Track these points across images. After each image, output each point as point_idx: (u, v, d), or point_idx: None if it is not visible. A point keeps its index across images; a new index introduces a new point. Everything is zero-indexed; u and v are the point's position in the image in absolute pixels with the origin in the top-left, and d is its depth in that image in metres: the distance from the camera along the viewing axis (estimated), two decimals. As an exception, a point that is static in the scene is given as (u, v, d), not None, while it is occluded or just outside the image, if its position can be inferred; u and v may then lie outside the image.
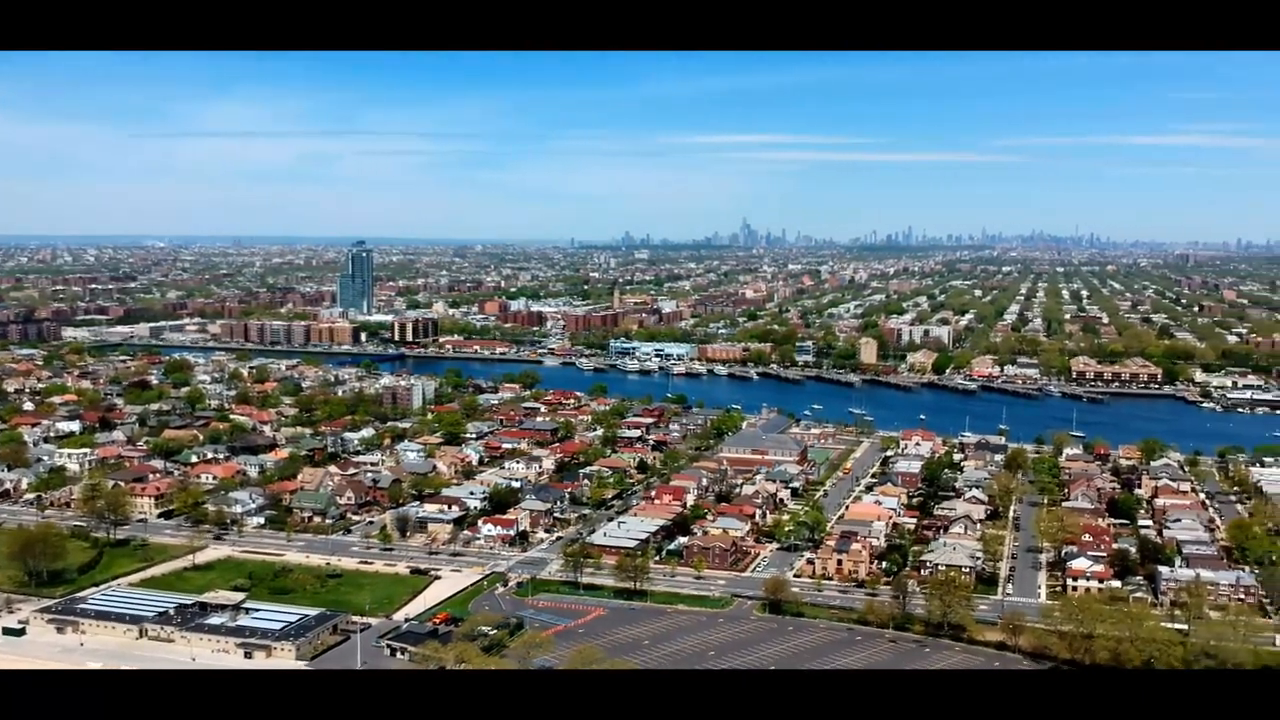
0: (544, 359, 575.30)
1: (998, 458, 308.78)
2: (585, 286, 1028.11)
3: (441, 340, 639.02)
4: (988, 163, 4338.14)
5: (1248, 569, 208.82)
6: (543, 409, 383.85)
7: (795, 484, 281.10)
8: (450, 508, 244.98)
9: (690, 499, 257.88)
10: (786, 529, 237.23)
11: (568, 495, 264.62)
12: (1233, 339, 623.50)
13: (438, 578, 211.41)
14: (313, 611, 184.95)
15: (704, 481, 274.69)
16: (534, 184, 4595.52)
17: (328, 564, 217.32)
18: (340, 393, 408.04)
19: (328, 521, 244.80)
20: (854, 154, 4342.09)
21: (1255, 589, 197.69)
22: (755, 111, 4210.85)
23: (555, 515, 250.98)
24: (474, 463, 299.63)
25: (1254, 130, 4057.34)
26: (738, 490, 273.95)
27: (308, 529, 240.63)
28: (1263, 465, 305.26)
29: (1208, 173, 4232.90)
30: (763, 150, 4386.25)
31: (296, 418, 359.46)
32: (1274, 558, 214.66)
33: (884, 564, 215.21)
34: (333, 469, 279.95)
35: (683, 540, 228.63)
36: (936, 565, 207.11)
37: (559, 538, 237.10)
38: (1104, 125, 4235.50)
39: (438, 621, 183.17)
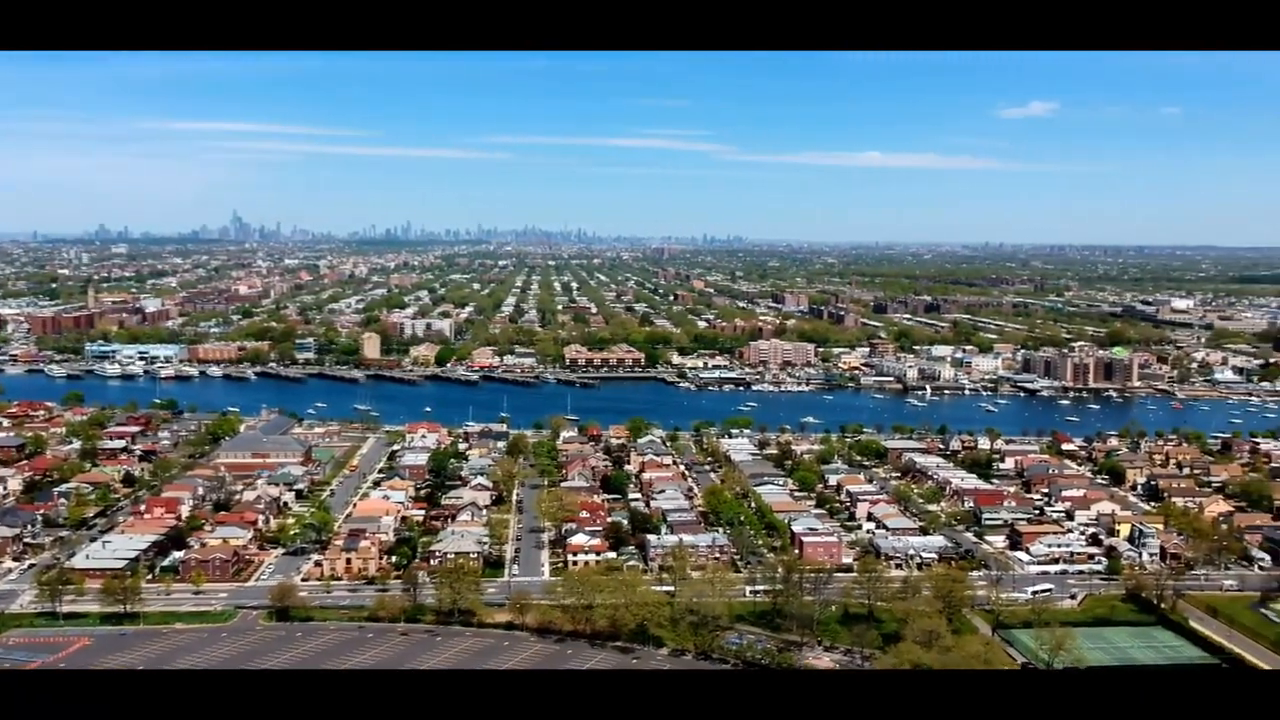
0: (4, 367, 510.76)
1: (500, 445, 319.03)
2: (54, 285, 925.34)
3: None
4: (482, 159, 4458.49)
5: (721, 530, 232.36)
6: (5, 423, 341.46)
7: (300, 485, 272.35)
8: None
9: (185, 510, 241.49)
10: (292, 532, 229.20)
11: (40, 517, 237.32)
12: (702, 324, 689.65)
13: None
14: None
15: (200, 490, 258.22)
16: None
17: None
18: None
19: None
20: (349, 147, 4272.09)
21: (728, 547, 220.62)
22: (240, 99, 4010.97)
23: (26, 541, 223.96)
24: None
25: (712, 136, 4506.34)
26: (238, 497, 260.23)
27: None
28: (730, 436, 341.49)
29: (676, 173, 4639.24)
30: (252, 140, 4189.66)
31: None
32: (741, 518, 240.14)
33: (394, 558, 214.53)
34: None
35: (178, 555, 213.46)
36: (446, 554, 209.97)
37: (32, 565, 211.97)
38: (585, 126, 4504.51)
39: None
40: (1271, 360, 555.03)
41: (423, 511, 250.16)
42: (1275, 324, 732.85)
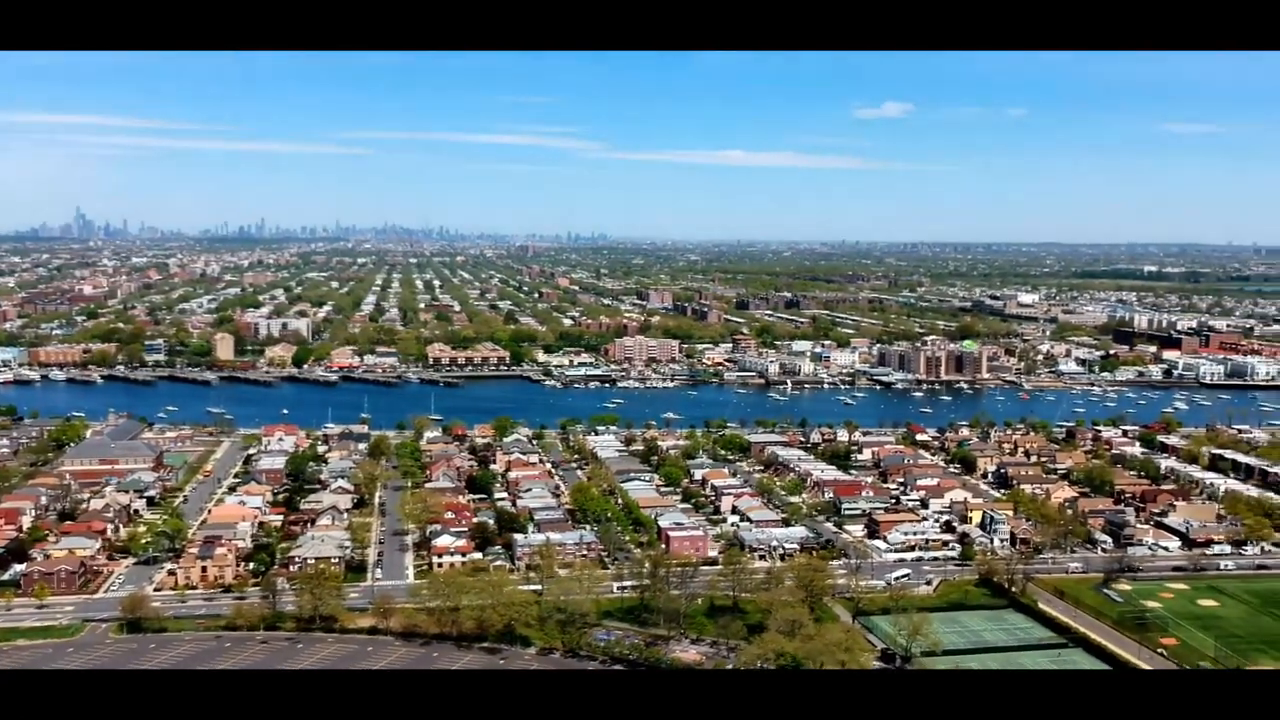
0: None
1: (362, 446, 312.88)
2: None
3: None
4: (340, 155, 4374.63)
5: (588, 527, 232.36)
6: None
7: (151, 492, 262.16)
8: None
9: (27, 521, 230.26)
10: (143, 541, 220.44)
11: None
12: (568, 321, 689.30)
13: None
14: None
15: (44, 500, 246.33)
16: None
17: None
18: None
19: None
20: (200, 141, 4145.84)
21: (595, 544, 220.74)
22: (82, 91, 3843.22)
23: None
24: None
25: (578, 132, 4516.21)
26: (85, 505, 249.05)
27: None
28: (596, 434, 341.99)
29: (541, 170, 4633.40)
30: (95, 134, 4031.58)
31: None
32: (608, 515, 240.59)
33: (252, 565, 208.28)
34: None
35: (20, 568, 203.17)
36: (306, 559, 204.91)
37: None
38: (449, 122, 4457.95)
39: None
40: (1111, 352, 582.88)
41: (281, 517, 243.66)
42: (1114, 317, 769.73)
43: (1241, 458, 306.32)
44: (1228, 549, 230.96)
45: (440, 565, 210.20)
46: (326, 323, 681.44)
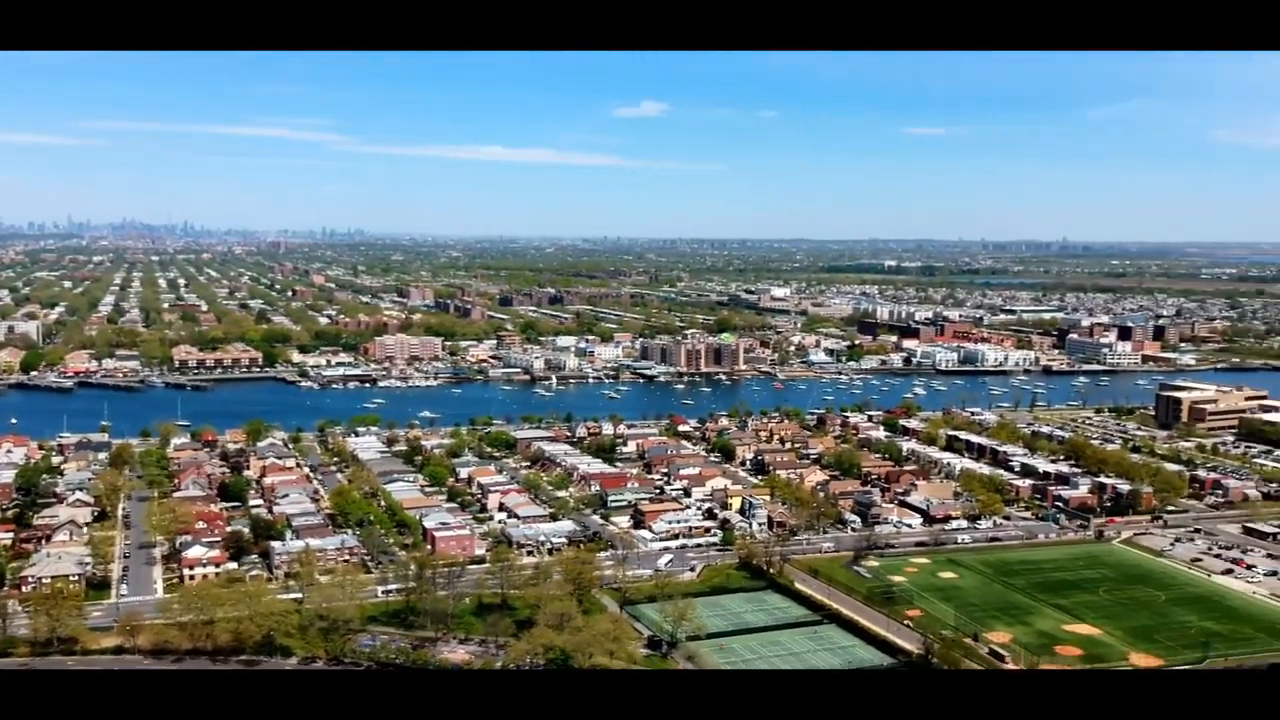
0: None
1: (102, 456, 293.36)
2: None
3: None
4: (72, 146, 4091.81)
5: (350, 531, 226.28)
6: None
7: None
8: None
9: None
10: None
11: None
12: (324, 320, 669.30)
13: None
14: None
15: None
16: None
17: None
18: None
19: None
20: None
21: (358, 549, 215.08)
22: None
23: None
24: None
25: (333, 126, 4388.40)
26: None
27: None
28: (356, 435, 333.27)
29: (293, 163, 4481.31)
30: None
31: None
32: (371, 518, 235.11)
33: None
34: None
35: None
36: (40, 579, 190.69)
37: None
38: (193, 113, 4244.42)
39: None
40: (856, 342, 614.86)
41: (11, 534, 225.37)
42: (859, 309, 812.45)
43: (974, 438, 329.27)
44: (964, 524, 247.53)
45: (192, 577, 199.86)
46: (59, 325, 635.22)
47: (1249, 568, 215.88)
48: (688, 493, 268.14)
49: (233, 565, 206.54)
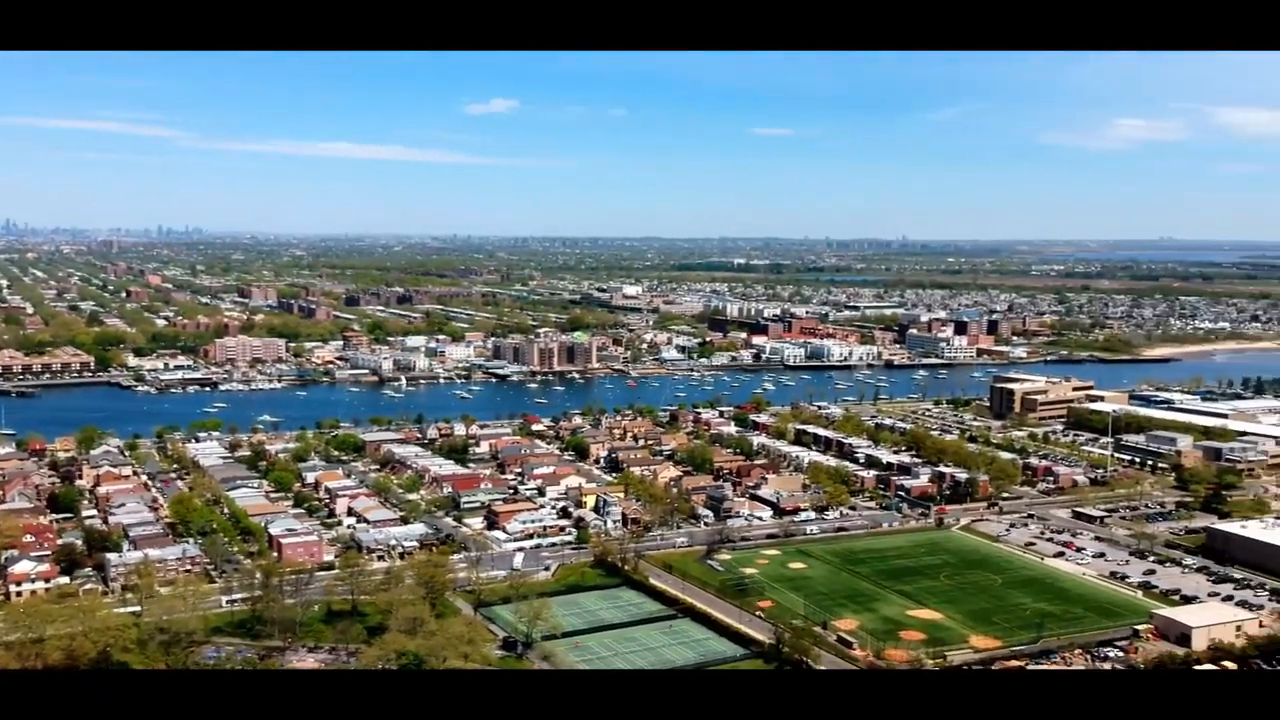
0: None
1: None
2: None
3: None
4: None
5: (192, 540, 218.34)
6: None
7: None
8: None
9: None
10: None
11: None
12: (161, 322, 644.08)
13: None
14: None
15: None
16: None
17: None
18: None
19: None
20: None
21: (200, 558, 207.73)
22: None
23: None
24: None
25: (168, 120, 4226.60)
26: None
27: None
28: (197, 440, 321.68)
29: (125, 159, 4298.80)
30: None
31: None
32: (214, 526, 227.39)
33: None
34: None
35: None
36: None
37: None
38: (10, 105, 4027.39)
39: None
40: (707, 339, 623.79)
41: None
42: (709, 307, 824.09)
43: (821, 431, 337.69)
44: (812, 515, 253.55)
45: (19, 594, 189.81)
46: None
47: (1078, 550, 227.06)
48: (542, 492, 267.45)
49: (64, 579, 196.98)
